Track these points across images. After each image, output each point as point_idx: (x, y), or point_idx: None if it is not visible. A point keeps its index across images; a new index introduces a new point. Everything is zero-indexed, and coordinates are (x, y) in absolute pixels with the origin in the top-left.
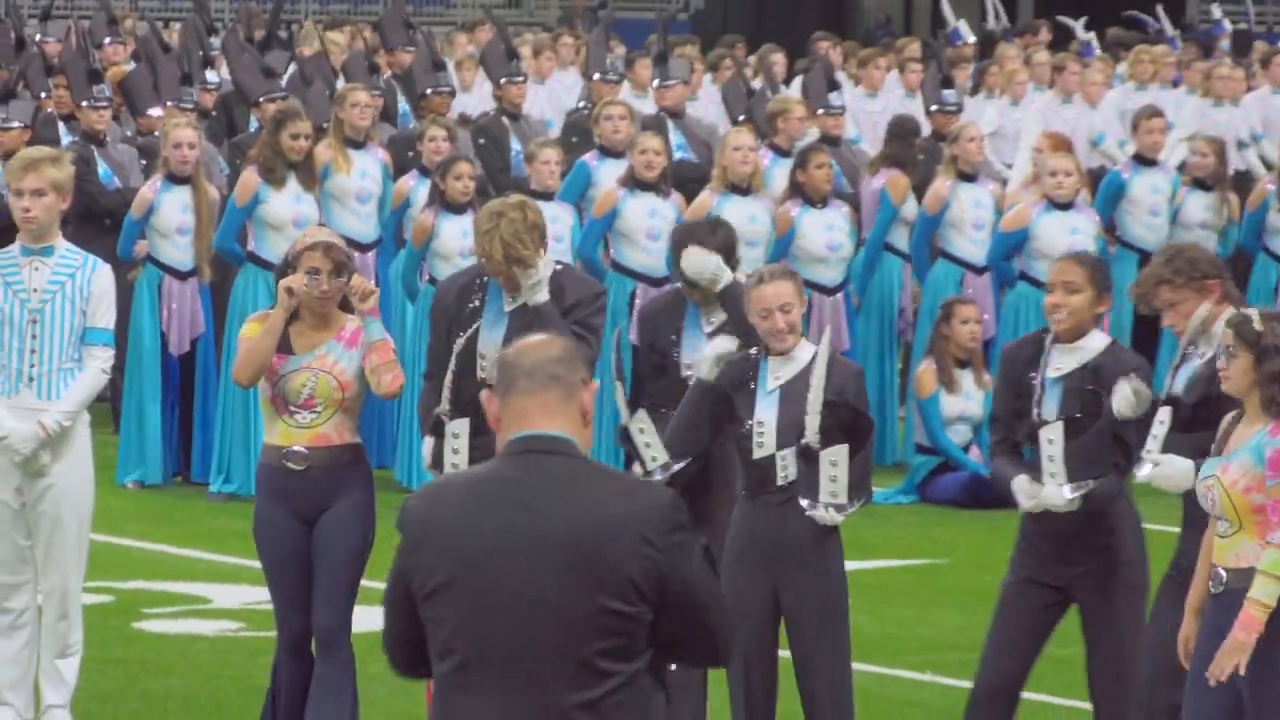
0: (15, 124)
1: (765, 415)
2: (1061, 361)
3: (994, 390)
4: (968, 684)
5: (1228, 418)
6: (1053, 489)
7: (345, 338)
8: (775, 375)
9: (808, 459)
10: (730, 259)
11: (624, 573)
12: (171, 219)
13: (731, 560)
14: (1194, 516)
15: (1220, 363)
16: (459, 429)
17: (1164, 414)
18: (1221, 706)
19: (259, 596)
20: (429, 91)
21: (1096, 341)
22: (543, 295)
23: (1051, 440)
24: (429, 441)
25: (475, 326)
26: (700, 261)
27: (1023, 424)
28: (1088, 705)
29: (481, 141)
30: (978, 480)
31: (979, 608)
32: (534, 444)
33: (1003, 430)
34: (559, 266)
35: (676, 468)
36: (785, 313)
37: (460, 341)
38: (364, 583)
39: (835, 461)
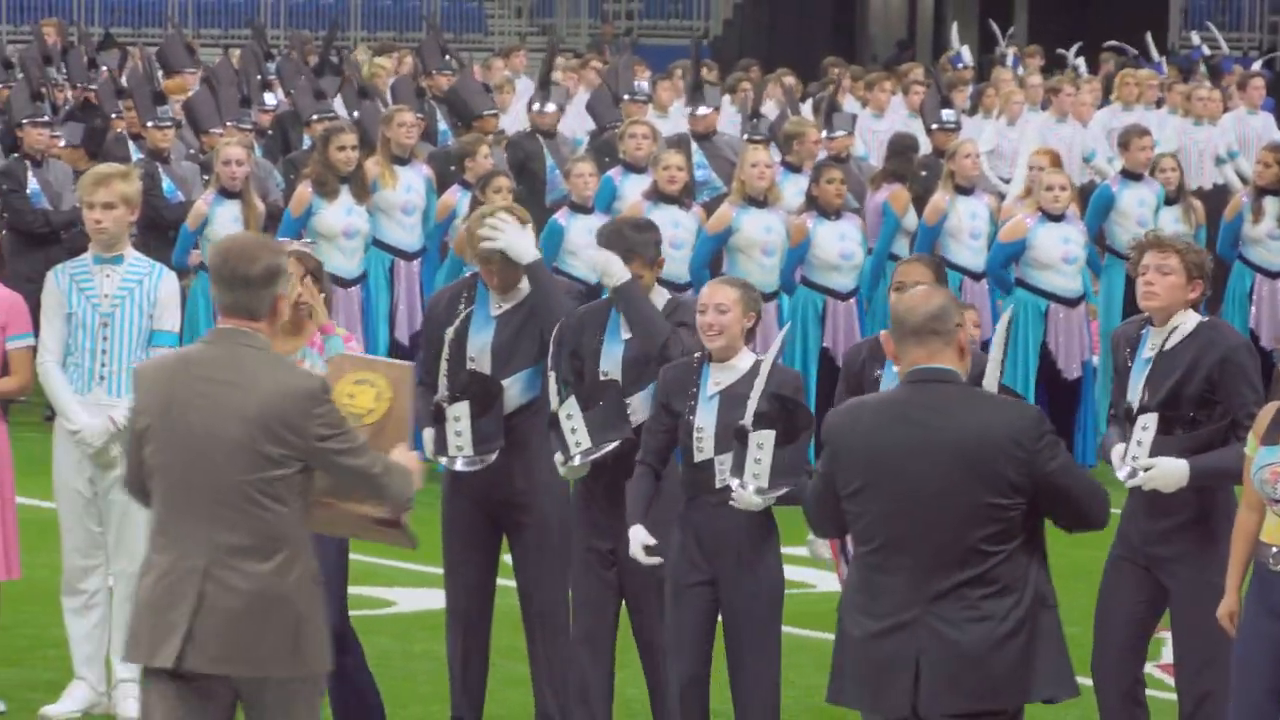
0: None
1: (705, 421)
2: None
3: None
4: None
5: (1272, 408)
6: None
7: (318, 344)
8: (715, 381)
9: (741, 440)
10: (638, 254)
11: (1001, 472)
12: (224, 230)
13: (676, 557)
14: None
15: None
16: (459, 412)
17: (1149, 421)
18: (1270, 684)
19: None
20: (484, 113)
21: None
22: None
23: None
24: (429, 431)
25: (464, 316)
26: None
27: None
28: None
29: (522, 157)
30: None
31: None
32: (926, 375)
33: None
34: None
35: (599, 453)
36: (720, 312)
37: (450, 332)
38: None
39: (761, 444)
